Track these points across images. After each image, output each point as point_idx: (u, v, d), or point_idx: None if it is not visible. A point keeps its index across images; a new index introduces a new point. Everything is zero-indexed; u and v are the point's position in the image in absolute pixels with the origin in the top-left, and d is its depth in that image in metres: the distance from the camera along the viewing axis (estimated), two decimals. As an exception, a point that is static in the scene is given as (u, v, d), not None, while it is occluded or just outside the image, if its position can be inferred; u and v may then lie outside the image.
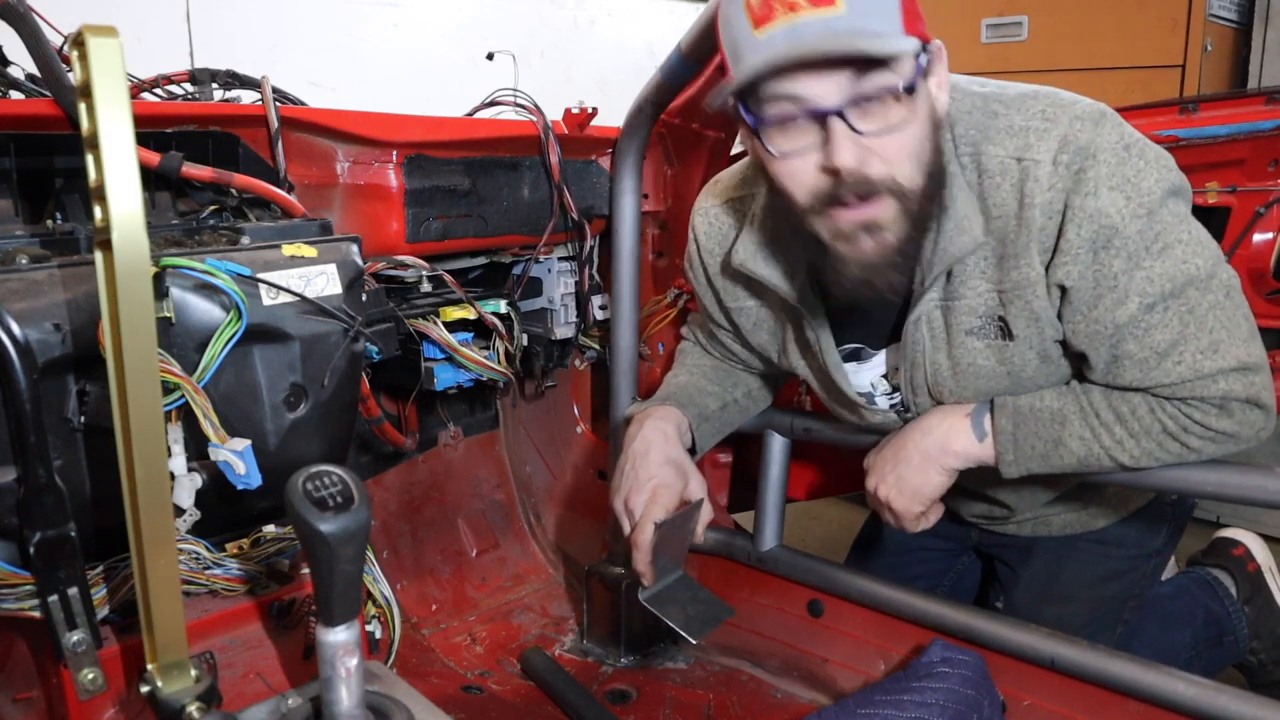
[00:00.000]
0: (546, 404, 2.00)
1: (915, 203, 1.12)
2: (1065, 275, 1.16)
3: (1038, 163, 1.14)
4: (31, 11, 1.17)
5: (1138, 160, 1.14)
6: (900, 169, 1.09)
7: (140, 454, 0.82)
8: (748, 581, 1.69)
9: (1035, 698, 1.35)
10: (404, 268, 1.44)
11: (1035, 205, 1.15)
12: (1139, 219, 1.13)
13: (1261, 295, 1.93)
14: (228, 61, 1.55)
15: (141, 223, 0.78)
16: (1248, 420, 1.18)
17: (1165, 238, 1.14)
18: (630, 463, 1.40)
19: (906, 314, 1.26)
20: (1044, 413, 1.24)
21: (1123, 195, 1.13)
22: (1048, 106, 1.17)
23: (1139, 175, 1.13)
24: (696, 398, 1.52)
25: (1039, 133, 1.15)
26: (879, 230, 1.12)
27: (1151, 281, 1.14)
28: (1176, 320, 1.15)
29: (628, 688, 1.63)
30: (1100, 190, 1.12)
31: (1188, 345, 1.15)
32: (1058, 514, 1.52)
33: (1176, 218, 1.15)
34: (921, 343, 1.28)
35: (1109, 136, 1.14)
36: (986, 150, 1.18)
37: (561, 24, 3.40)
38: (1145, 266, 1.14)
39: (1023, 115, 1.17)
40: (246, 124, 1.36)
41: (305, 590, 1.09)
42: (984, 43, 3.19)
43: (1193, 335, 1.15)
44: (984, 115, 1.19)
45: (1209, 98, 2.09)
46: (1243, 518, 2.64)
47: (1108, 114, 1.16)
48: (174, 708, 0.87)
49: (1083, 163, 1.13)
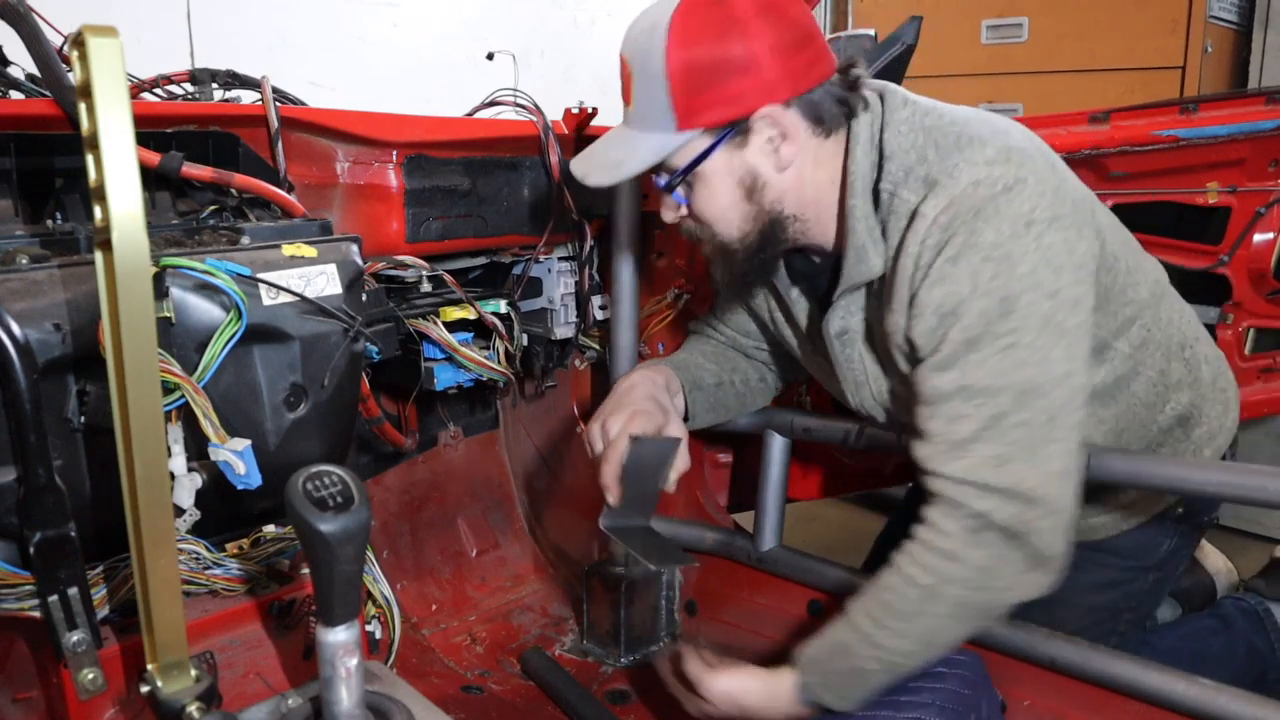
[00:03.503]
0: (546, 404, 2.00)
1: (742, 250, 1.27)
2: (911, 329, 1.18)
3: (923, 216, 1.15)
4: (31, 11, 1.17)
5: (1033, 242, 1.10)
6: (716, 228, 1.27)
7: (140, 454, 0.82)
8: (748, 581, 1.69)
9: (1035, 698, 1.35)
10: (404, 268, 1.44)
11: (908, 254, 1.17)
12: (992, 299, 1.11)
13: (1261, 295, 1.92)
14: (228, 61, 1.55)
15: (141, 223, 0.78)
16: (1005, 556, 1.13)
17: (1012, 337, 1.11)
18: (613, 397, 1.42)
19: None
20: (836, 648, 1.22)
21: (992, 268, 1.10)
22: (962, 162, 1.15)
23: (1022, 257, 1.10)
24: (692, 368, 1.53)
25: (939, 188, 1.15)
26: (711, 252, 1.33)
27: (980, 368, 1.12)
28: (981, 421, 1.13)
29: (628, 688, 1.63)
30: (965, 258, 1.11)
31: (979, 447, 1.13)
32: None
33: (1038, 322, 1.11)
34: (857, 362, 1.33)
35: (1015, 207, 1.11)
36: (900, 194, 1.19)
37: (561, 24, 3.40)
38: (980, 351, 1.12)
39: (939, 167, 1.17)
40: (246, 124, 1.36)
41: (305, 590, 1.09)
42: (984, 43, 3.19)
43: (988, 440, 1.12)
44: (915, 157, 1.19)
45: (1209, 98, 2.09)
46: (1242, 518, 2.64)
47: (1027, 182, 1.12)
48: (174, 708, 0.87)
49: (957, 227, 1.12)
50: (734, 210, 1.25)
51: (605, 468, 1.32)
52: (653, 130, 1.20)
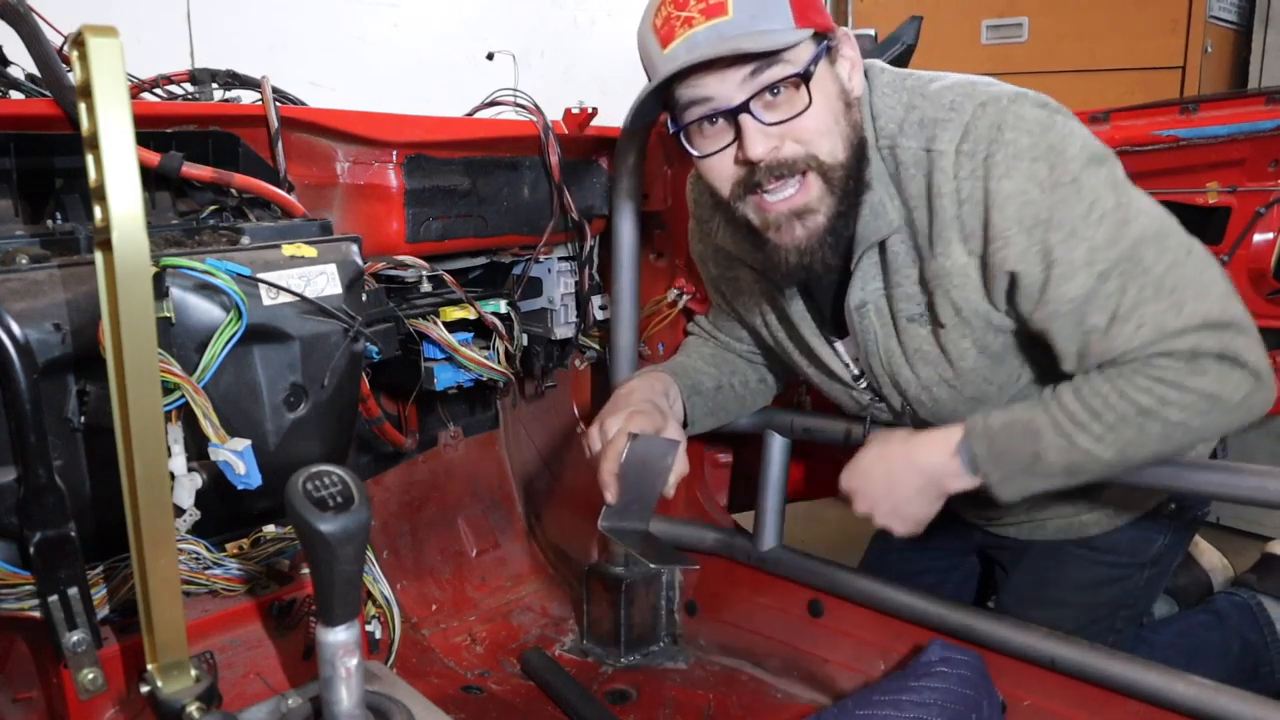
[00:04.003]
0: (546, 404, 2.00)
1: (840, 175, 1.18)
2: (1004, 260, 1.16)
3: (942, 153, 1.17)
4: (31, 11, 1.17)
5: (1061, 129, 1.14)
6: (817, 146, 1.16)
7: (140, 454, 0.82)
8: (748, 581, 1.69)
9: (1035, 698, 1.35)
10: (404, 268, 1.44)
11: (944, 194, 1.17)
12: (1063, 187, 1.13)
13: (1262, 295, 1.92)
14: (228, 61, 1.55)
15: (141, 223, 0.78)
16: (1227, 379, 1.13)
17: (1102, 205, 1.14)
18: (613, 401, 1.42)
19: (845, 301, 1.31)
20: (1016, 427, 1.22)
21: (1045, 165, 1.13)
22: (957, 96, 1.18)
23: (1064, 142, 1.14)
24: (691, 374, 1.53)
25: (943, 123, 1.17)
26: (809, 214, 1.18)
27: (1096, 250, 1.13)
28: (1133, 284, 1.14)
29: (628, 688, 1.63)
30: (1016, 168, 1.13)
31: (1148, 306, 1.13)
32: (1051, 519, 1.51)
33: (1109, 184, 1.15)
34: (872, 330, 1.32)
35: (1027, 113, 1.15)
36: (900, 143, 1.21)
37: (561, 24, 3.40)
38: (1086, 236, 1.13)
39: (933, 107, 1.19)
40: (246, 124, 1.36)
41: (305, 590, 1.09)
42: (984, 43, 3.19)
43: (1151, 297, 1.13)
44: (903, 109, 1.21)
45: (1209, 98, 2.09)
46: (1243, 518, 2.64)
47: (1027, 94, 1.17)
48: (174, 708, 0.87)
49: (989, 147, 1.14)
50: (836, 126, 1.18)
51: (603, 465, 1.31)
52: (770, 28, 1.12)
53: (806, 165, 1.16)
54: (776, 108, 1.15)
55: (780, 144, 1.15)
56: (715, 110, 1.15)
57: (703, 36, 1.11)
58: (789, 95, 1.14)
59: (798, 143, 1.15)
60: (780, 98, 1.14)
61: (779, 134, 1.15)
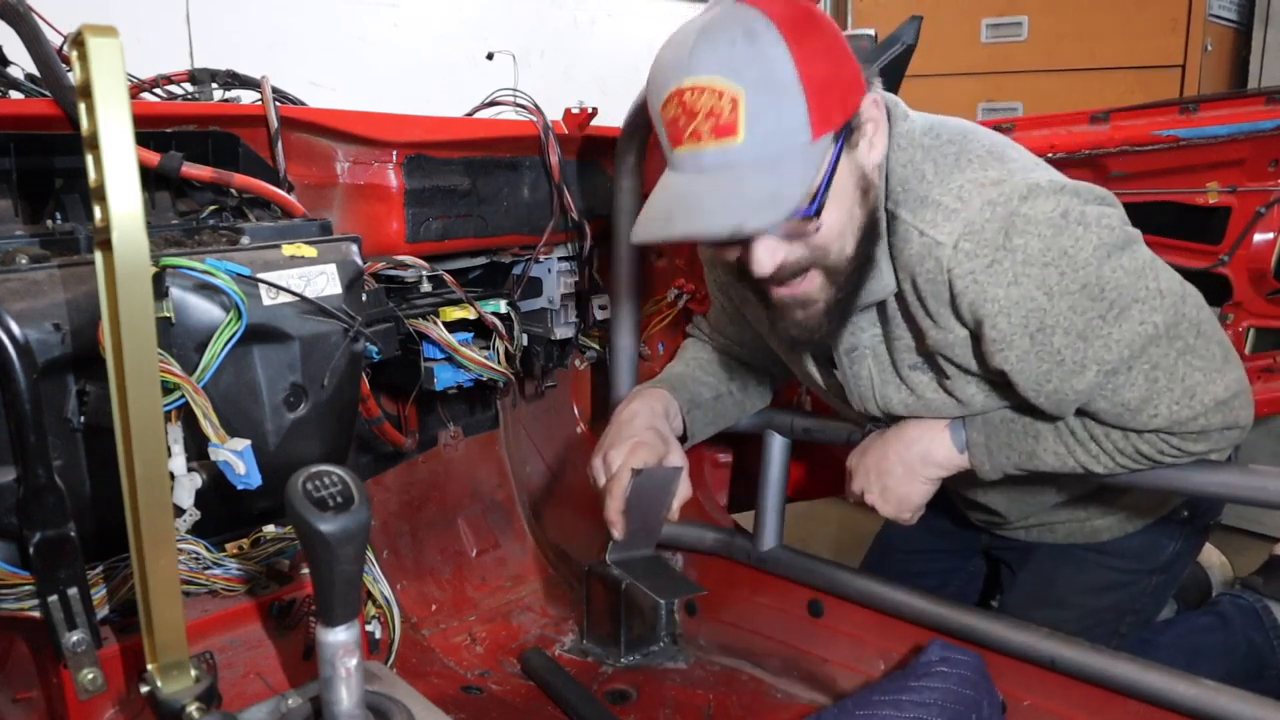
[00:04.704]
0: (546, 404, 2.00)
1: (844, 271, 1.15)
2: (1004, 360, 1.14)
3: (939, 244, 1.12)
4: (31, 11, 1.17)
5: (1076, 228, 1.09)
6: (826, 250, 1.12)
7: (140, 454, 0.82)
8: (748, 581, 1.69)
9: (1035, 698, 1.35)
10: (404, 268, 1.43)
11: (939, 282, 1.14)
12: (1072, 294, 1.09)
13: (1262, 295, 1.92)
14: (228, 61, 1.55)
15: (141, 223, 0.78)
16: (1224, 439, 1.18)
17: (1120, 302, 1.10)
18: (614, 427, 1.41)
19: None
20: (1017, 424, 1.24)
21: (1056, 271, 1.09)
22: (966, 184, 1.13)
23: (1077, 245, 1.08)
24: (690, 385, 1.52)
25: (947, 211, 1.12)
26: (809, 303, 1.17)
27: (1109, 349, 1.11)
28: (1143, 379, 1.13)
29: (628, 688, 1.63)
30: (1025, 276, 1.09)
31: (1161, 399, 1.14)
32: (1062, 522, 1.51)
33: (1131, 275, 1.11)
34: (865, 376, 1.30)
35: (1040, 209, 1.09)
36: (900, 214, 1.17)
37: (561, 24, 3.40)
38: (1101, 335, 1.11)
39: (940, 188, 1.14)
40: (246, 124, 1.36)
41: (305, 590, 1.09)
42: (984, 43, 3.18)
43: (1164, 389, 1.13)
44: (913, 176, 1.17)
45: (1209, 98, 2.09)
46: (1243, 518, 2.64)
47: (1040, 185, 1.11)
48: (174, 708, 0.87)
49: (994, 254, 1.09)
50: (850, 222, 1.12)
51: (609, 503, 1.31)
52: (783, 152, 1.03)
53: (811, 264, 1.13)
54: (788, 229, 1.09)
55: (787, 252, 1.10)
56: None
57: (709, 159, 1.03)
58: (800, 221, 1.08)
59: (806, 247, 1.11)
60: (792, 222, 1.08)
61: (787, 245, 1.10)
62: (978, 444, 1.26)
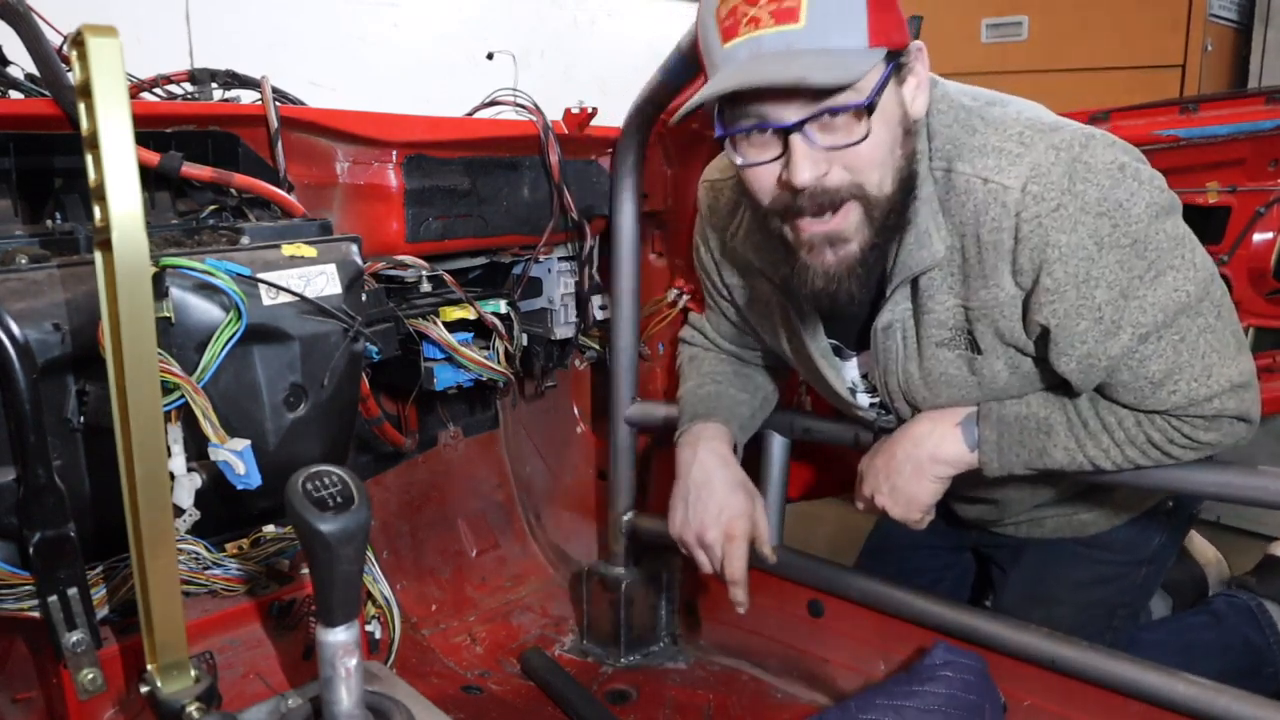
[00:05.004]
0: (546, 404, 2.00)
1: (881, 209, 1.12)
2: (1051, 314, 1.14)
3: (1006, 188, 1.12)
4: (31, 11, 1.17)
5: (1131, 182, 1.10)
6: (866, 177, 1.10)
7: (140, 454, 0.82)
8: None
9: (1035, 698, 1.35)
10: (404, 268, 1.43)
11: (1002, 229, 1.13)
12: (1122, 249, 1.10)
13: (1261, 295, 1.92)
14: (228, 61, 1.55)
15: (141, 223, 0.78)
16: (1232, 432, 1.19)
17: (1159, 264, 1.11)
18: (694, 493, 1.41)
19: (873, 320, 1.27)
20: (1030, 421, 1.24)
21: (1109, 222, 1.09)
22: (1026, 129, 1.13)
23: (1131, 199, 1.09)
24: (735, 407, 1.52)
25: (1011, 156, 1.12)
26: (842, 242, 1.13)
27: (1145, 311, 1.12)
28: (1170, 350, 1.14)
29: (628, 688, 1.63)
30: (1081, 223, 1.09)
31: (1182, 374, 1.15)
32: (1050, 516, 1.52)
33: (1171, 240, 1.12)
34: (894, 351, 1.29)
35: (1100, 157, 1.10)
36: (957, 166, 1.16)
37: (561, 24, 3.40)
38: (1138, 296, 1.12)
39: (999, 135, 1.14)
40: (246, 124, 1.36)
41: (305, 590, 1.09)
42: (984, 43, 3.18)
43: (1186, 364, 1.14)
44: (963, 130, 1.17)
45: (1209, 97, 2.09)
46: (1243, 518, 2.64)
47: (1096, 135, 1.13)
48: (174, 708, 0.87)
49: (1060, 198, 1.09)
50: (890, 157, 1.11)
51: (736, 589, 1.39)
52: (842, 45, 1.03)
53: (850, 194, 1.10)
54: (832, 131, 1.07)
55: (828, 169, 1.08)
56: (766, 123, 1.08)
57: (769, 43, 1.03)
58: (847, 120, 1.07)
59: (846, 170, 1.09)
60: (838, 120, 1.06)
61: (828, 159, 1.08)
62: (989, 440, 1.25)
